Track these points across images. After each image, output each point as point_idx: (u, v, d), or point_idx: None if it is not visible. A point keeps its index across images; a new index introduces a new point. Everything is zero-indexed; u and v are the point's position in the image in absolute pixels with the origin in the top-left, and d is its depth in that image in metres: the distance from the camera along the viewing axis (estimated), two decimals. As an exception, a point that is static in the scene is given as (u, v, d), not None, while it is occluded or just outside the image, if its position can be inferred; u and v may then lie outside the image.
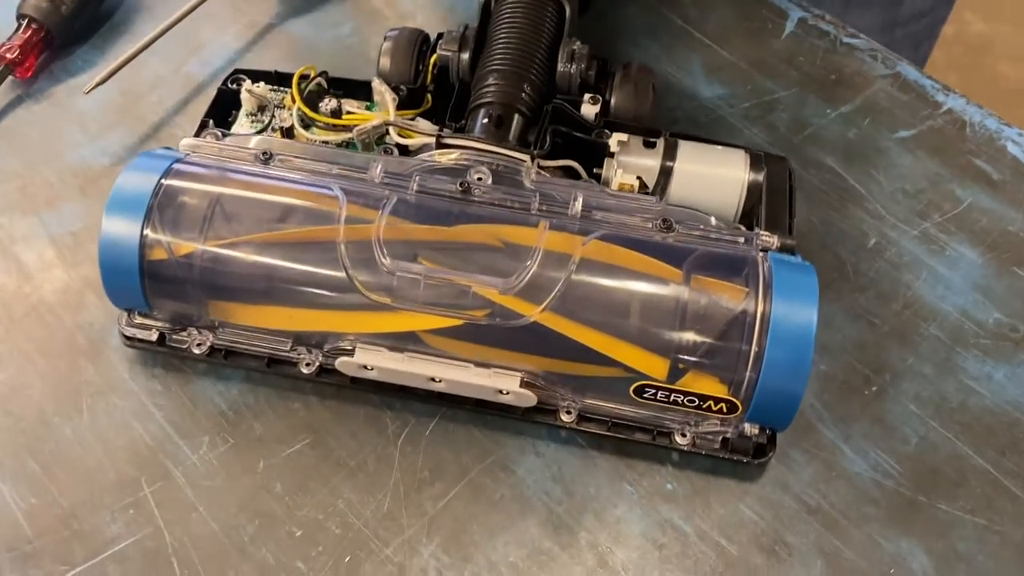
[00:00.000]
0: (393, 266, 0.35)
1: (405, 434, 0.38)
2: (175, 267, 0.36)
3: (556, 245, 0.36)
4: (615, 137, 0.42)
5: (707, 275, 0.35)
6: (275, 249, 0.36)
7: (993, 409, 0.40)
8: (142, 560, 0.35)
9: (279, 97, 0.45)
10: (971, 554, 0.36)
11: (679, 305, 0.35)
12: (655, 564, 0.35)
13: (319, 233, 0.36)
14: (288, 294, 0.37)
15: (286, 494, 0.37)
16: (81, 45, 0.51)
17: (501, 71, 0.43)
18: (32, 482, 0.37)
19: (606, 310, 0.35)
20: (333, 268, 0.36)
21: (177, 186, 0.37)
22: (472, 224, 0.37)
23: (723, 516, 0.37)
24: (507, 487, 0.37)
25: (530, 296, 0.35)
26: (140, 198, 0.36)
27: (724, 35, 0.53)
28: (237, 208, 0.37)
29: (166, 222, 0.36)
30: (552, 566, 0.35)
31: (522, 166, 0.39)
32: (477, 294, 0.35)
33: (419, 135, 0.41)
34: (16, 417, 0.38)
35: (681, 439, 0.37)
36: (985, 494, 0.37)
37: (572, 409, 0.37)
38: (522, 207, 0.37)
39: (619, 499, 0.37)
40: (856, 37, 0.53)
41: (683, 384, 0.35)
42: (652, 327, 0.35)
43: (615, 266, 0.36)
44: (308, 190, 0.37)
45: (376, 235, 0.35)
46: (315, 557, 0.35)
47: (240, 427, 0.38)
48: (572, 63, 0.44)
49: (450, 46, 0.44)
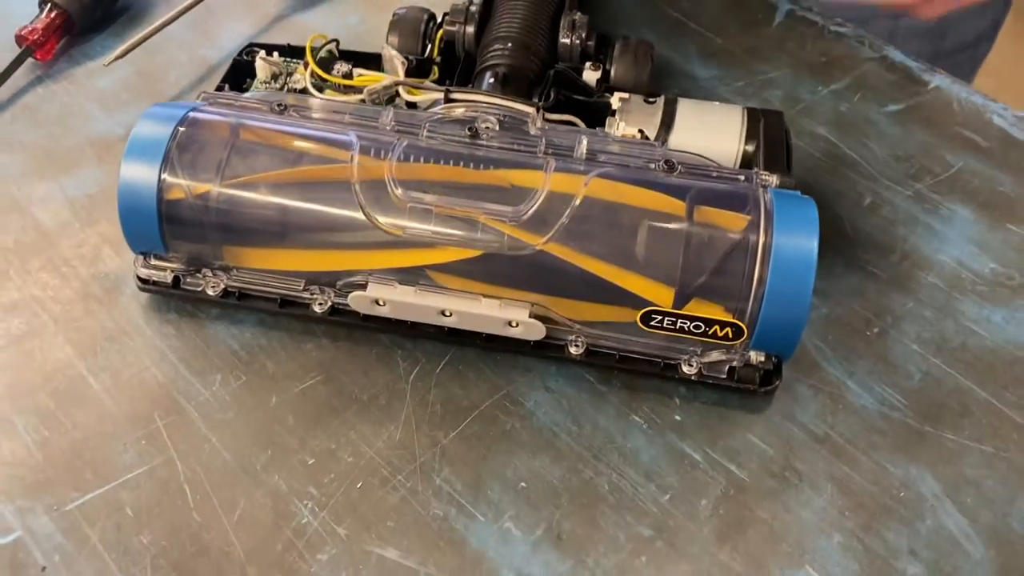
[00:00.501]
0: (405, 197, 0.36)
1: (416, 372, 0.39)
2: (192, 207, 0.37)
3: (562, 184, 0.37)
4: (616, 95, 0.44)
5: (709, 206, 0.36)
6: (290, 189, 0.37)
7: (993, 348, 0.40)
8: (155, 487, 0.35)
9: (292, 67, 0.47)
10: (979, 479, 0.36)
11: (683, 234, 0.36)
12: (666, 486, 0.36)
13: (333, 172, 0.37)
14: (302, 233, 0.38)
15: (298, 426, 0.37)
16: (100, 32, 0.53)
17: (506, 37, 0.45)
18: (46, 417, 0.37)
19: (611, 240, 0.36)
20: (347, 205, 0.37)
21: (194, 130, 0.38)
22: (480, 168, 0.38)
23: (732, 445, 0.37)
24: (517, 419, 0.37)
25: (537, 228, 0.36)
26: (158, 141, 0.37)
27: (717, 25, 0.56)
28: (252, 150, 0.38)
29: (183, 164, 0.37)
30: (562, 490, 0.35)
31: (528, 116, 0.40)
32: (486, 226, 0.36)
33: (428, 92, 0.43)
34: (31, 358, 0.39)
35: (688, 369, 0.37)
36: (990, 424, 0.38)
37: (580, 343, 0.38)
38: (528, 151, 0.38)
39: (628, 430, 0.37)
40: (843, 26, 0.55)
41: (688, 311, 0.36)
42: (657, 256, 0.36)
43: (619, 200, 0.37)
44: (321, 135, 0.39)
45: (388, 172, 0.37)
46: (327, 483, 0.35)
47: (253, 366, 0.39)
48: (573, 33, 0.46)
49: (456, 18, 0.46)
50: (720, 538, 0.34)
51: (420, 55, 0.46)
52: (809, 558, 0.34)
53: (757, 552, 0.34)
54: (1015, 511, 0.35)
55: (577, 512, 0.35)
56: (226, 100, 0.40)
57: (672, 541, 0.34)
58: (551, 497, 0.35)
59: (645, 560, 0.34)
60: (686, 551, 0.34)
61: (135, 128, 0.38)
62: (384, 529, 0.34)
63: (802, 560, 0.34)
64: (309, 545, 0.34)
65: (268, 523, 0.34)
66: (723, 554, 0.34)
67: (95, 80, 0.51)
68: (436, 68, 0.47)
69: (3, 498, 0.35)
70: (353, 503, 0.35)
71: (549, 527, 0.34)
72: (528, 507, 0.35)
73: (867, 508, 0.35)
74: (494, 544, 0.34)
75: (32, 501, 0.35)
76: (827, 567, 0.34)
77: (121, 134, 0.48)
